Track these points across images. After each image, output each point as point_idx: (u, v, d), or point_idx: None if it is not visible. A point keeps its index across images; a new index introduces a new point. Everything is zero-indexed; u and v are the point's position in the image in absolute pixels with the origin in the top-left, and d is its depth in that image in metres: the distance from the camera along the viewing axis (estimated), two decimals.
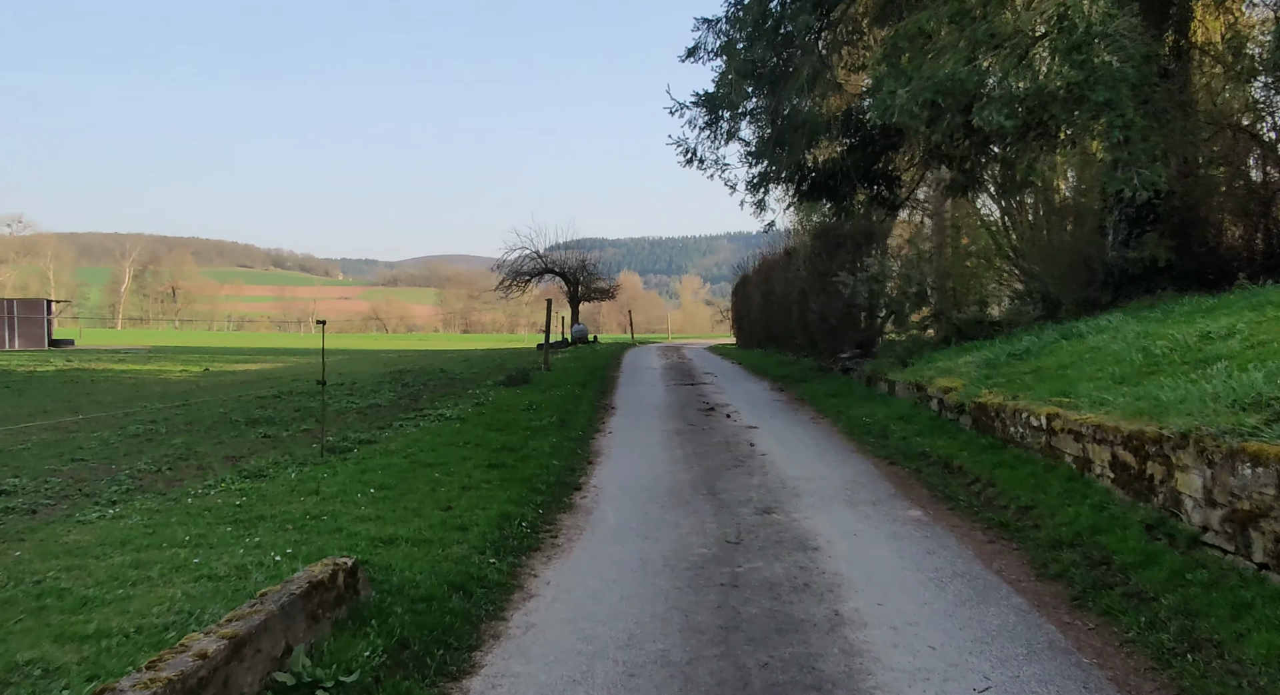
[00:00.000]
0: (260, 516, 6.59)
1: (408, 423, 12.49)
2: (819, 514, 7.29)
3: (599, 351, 30.50)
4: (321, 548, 5.77)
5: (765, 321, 26.72)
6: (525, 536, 6.75)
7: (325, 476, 8.47)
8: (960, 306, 13.98)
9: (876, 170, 17.61)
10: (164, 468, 9.06)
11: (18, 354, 40.01)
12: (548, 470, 9.11)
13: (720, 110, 15.48)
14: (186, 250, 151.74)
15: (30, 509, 6.98)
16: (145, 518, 6.58)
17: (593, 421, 12.82)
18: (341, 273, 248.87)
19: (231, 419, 13.40)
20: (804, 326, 20.31)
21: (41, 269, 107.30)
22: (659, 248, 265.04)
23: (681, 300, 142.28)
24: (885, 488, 8.19)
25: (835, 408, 12.89)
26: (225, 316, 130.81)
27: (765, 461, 9.62)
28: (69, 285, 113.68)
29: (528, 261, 40.59)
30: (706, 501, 7.83)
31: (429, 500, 7.57)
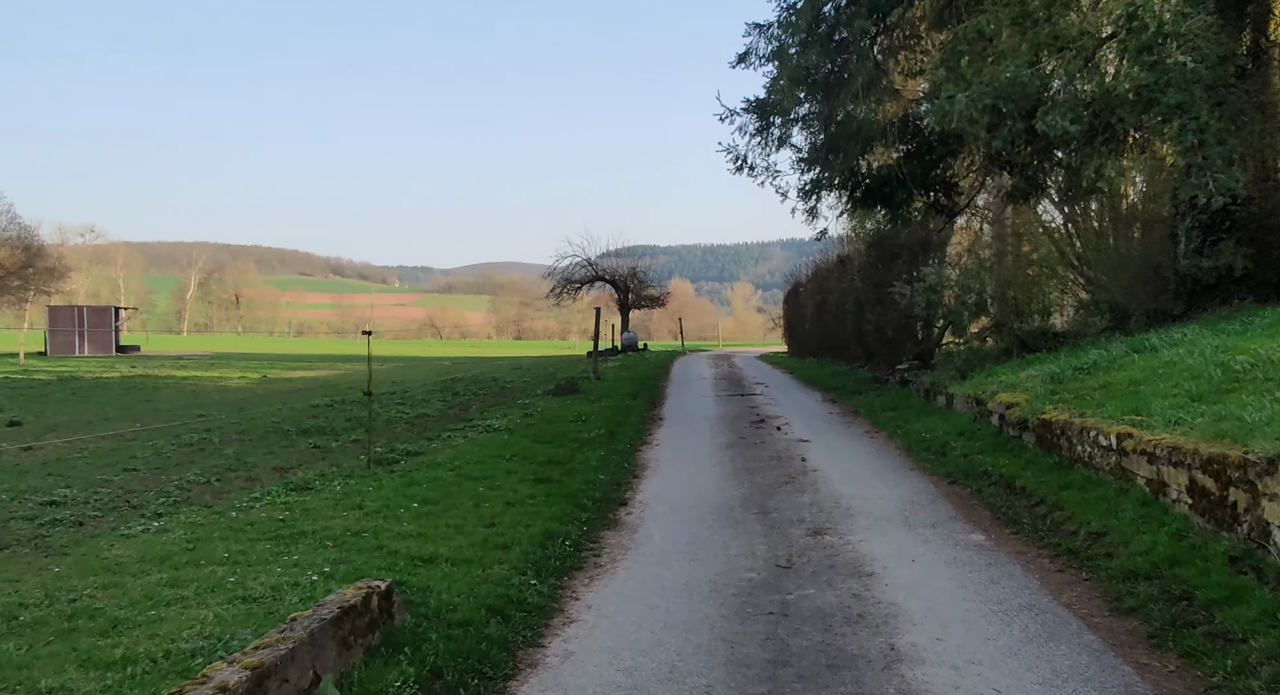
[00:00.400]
0: (301, 532, 6.51)
1: (456, 434, 12.42)
2: (874, 536, 6.97)
3: (649, 360, 30.32)
4: (360, 567, 5.64)
5: (818, 331, 26.27)
6: (568, 556, 6.56)
7: (370, 490, 8.39)
8: (1022, 317, 13.48)
9: (934, 177, 17.14)
10: (213, 479, 9.07)
11: (86, 360, 41.17)
12: (593, 485, 8.92)
13: (771, 116, 15.19)
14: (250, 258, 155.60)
15: (78, 521, 6.99)
16: (188, 532, 6.54)
17: (641, 434, 12.61)
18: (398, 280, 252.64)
19: (283, 428, 13.47)
20: (859, 336, 19.87)
21: (112, 277, 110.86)
22: (711, 255, 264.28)
23: (733, 308, 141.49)
24: (945, 509, 7.83)
25: (892, 422, 12.50)
26: (286, 323, 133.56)
27: (818, 478, 9.30)
28: (138, 293, 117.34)
29: (578, 269, 40.63)
30: (756, 521, 7.56)
31: (472, 516, 7.43)
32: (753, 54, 15.08)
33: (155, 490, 8.42)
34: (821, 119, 15.57)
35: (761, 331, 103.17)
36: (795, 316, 32.75)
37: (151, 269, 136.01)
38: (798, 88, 14.59)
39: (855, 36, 14.35)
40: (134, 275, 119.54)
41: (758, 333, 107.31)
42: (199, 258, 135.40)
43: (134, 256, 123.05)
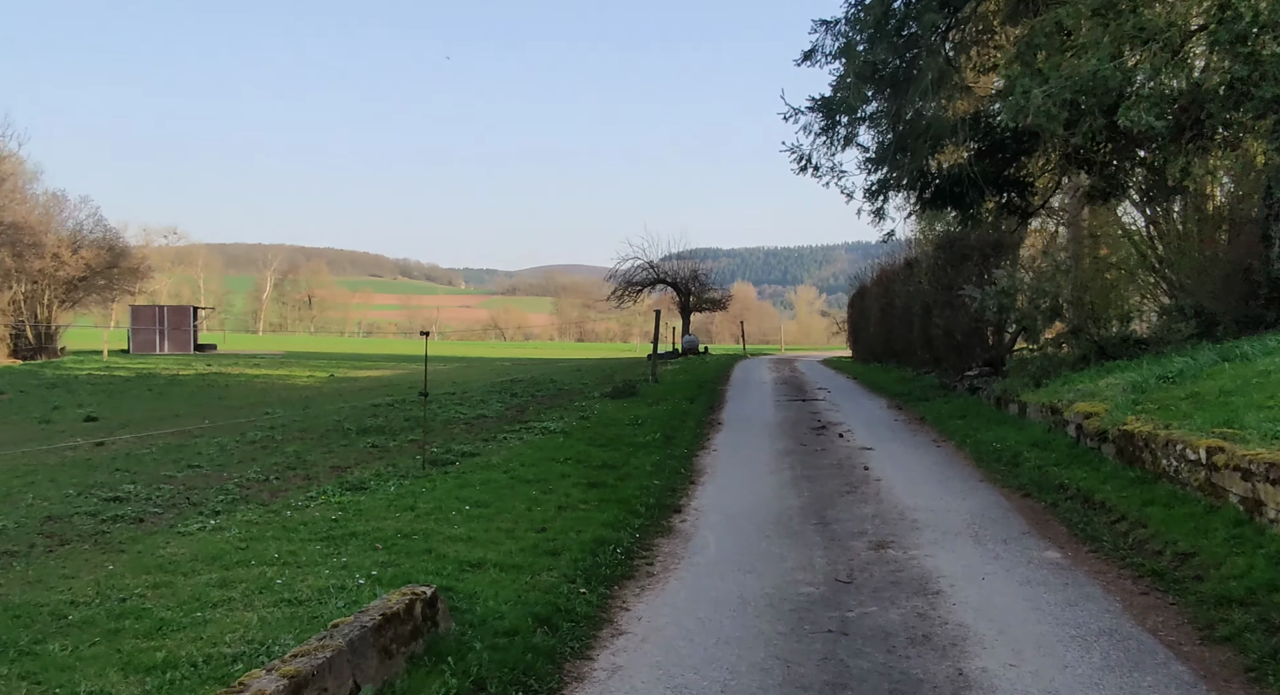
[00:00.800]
0: (352, 534, 6.44)
1: (512, 435, 12.36)
2: (941, 551, 6.64)
3: (709, 363, 30.03)
4: (407, 571, 5.54)
5: (884, 335, 25.68)
6: (619, 564, 6.37)
7: (423, 491, 8.34)
8: (1100, 322, 12.89)
9: (1007, 176, 16.57)
10: (271, 477, 9.12)
11: (164, 358, 42.48)
12: (648, 491, 8.73)
13: (837, 115, 14.84)
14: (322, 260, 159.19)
15: (138, 517, 7.06)
16: (242, 531, 6.53)
17: (698, 438, 12.38)
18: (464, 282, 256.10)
19: (344, 427, 13.58)
20: (926, 341, 19.33)
21: (193, 277, 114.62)
22: (774, 258, 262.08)
23: (796, 311, 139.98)
24: (1017, 523, 7.45)
25: (960, 430, 12.05)
26: (356, 323, 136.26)
27: (881, 488, 8.97)
28: (217, 293, 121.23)
29: (639, 271, 40.49)
30: (816, 532, 7.28)
31: (524, 520, 7.31)
32: (819, 51, 14.75)
33: (216, 487, 8.49)
34: (889, 117, 15.16)
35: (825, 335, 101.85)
36: (860, 320, 32.12)
37: (230, 270, 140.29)
38: (865, 85, 14.22)
39: (925, 31, 13.92)
40: (213, 276, 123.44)
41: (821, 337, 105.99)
42: (274, 259, 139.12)
43: (213, 258, 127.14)
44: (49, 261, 44.80)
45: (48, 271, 44.92)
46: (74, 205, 49.81)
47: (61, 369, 32.20)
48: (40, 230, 45.11)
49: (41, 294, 45.24)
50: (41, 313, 45.71)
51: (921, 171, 15.75)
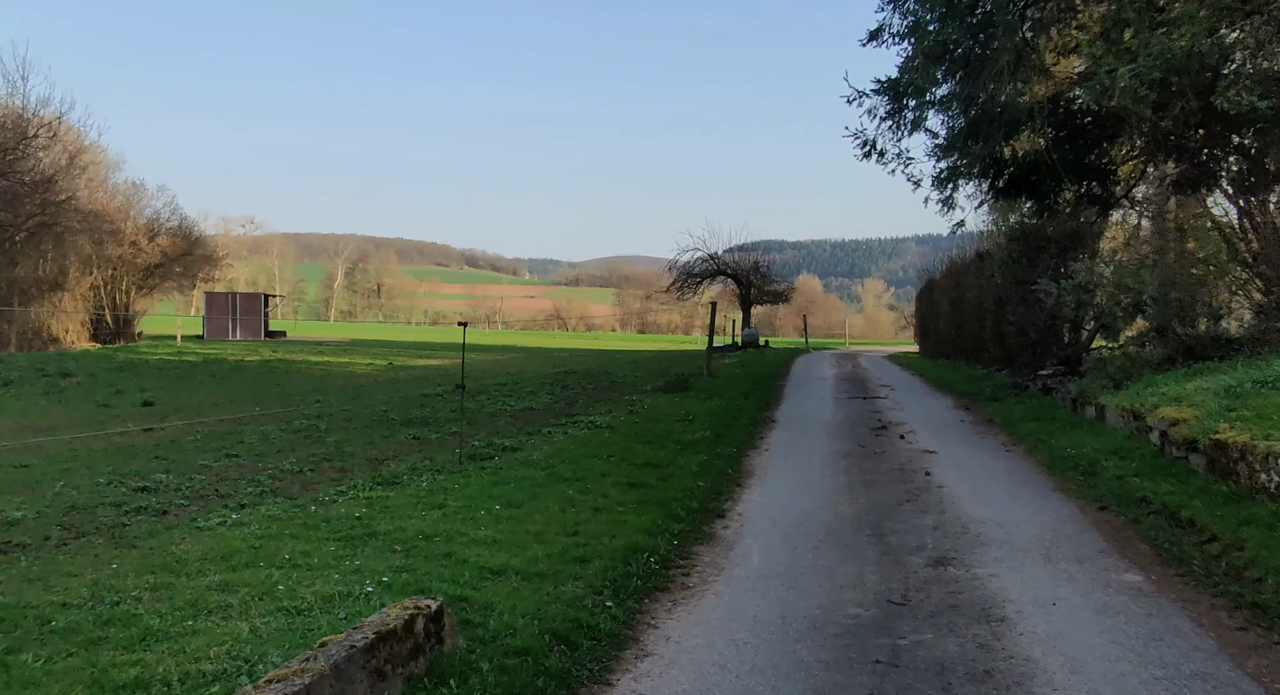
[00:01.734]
0: (373, 533, 6.11)
1: (557, 429, 12.00)
2: (1008, 571, 6.03)
3: (768, 357, 29.34)
4: (421, 577, 5.18)
5: (953, 331, 24.69)
6: (653, 574, 5.92)
7: (456, 487, 8.01)
8: (1187, 320, 11.96)
9: (1087, 164, 15.63)
10: (306, 469, 8.90)
11: (235, 343, 43.40)
12: (691, 493, 8.25)
13: (905, 98, 14.09)
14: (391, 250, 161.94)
15: (162, 509, 6.85)
16: (262, 527, 6.25)
17: (750, 437, 11.84)
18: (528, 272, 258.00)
19: (389, 417, 13.39)
20: (998, 338, 18.41)
21: (269, 266, 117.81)
22: (841, 250, 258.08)
23: (863, 304, 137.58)
24: (1093, 540, 6.78)
25: (1032, 434, 11.28)
26: (422, 312, 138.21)
27: (943, 496, 8.34)
28: (290, 281, 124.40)
29: (700, 263, 39.90)
30: (869, 545, 6.72)
31: (555, 522, 6.90)
32: (885, 31, 14.02)
33: (248, 478, 8.29)
34: (961, 100, 14.36)
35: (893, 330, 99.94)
36: (928, 315, 31.05)
37: (304, 258, 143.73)
38: (934, 66, 13.45)
39: (1000, 9, 13.10)
40: (288, 264, 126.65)
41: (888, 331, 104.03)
42: (345, 248, 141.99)
43: (288, 247, 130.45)
44: (127, 249, 46.12)
45: (126, 259, 46.24)
46: (152, 193, 51.14)
47: (135, 353, 32.98)
48: (119, 218, 46.48)
49: (120, 280, 46.60)
50: (120, 299, 47.11)
51: (995, 159, 14.92)
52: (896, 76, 13.88)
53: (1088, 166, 15.48)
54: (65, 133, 41.28)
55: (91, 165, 46.65)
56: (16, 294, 39.22)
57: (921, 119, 14.31)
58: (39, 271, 41.79)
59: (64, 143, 41.35)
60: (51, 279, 42.18)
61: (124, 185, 50.19)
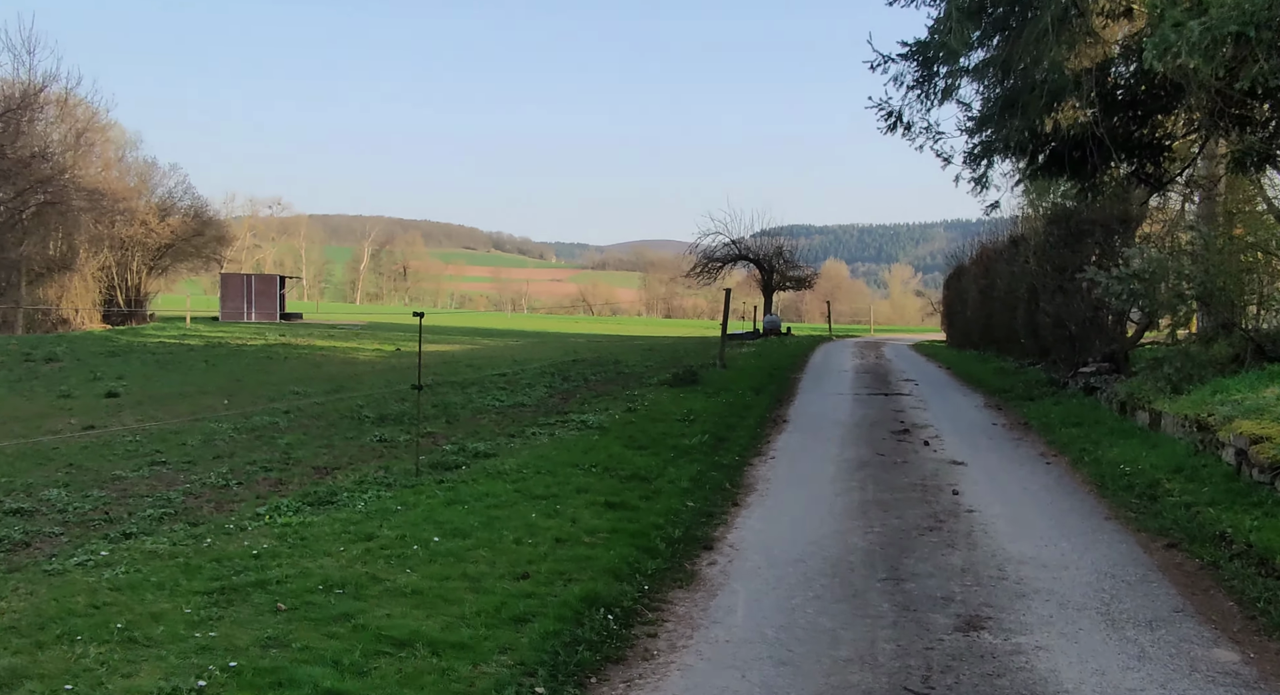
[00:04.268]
0: (261, 582, 4.92)
1: (543, 430, 10.82)
2: (1058, 640, 4.75)
3: (788, 346, 27.98)
4: (294, 656, 3.99)
5: (982, 320, 23.22)
6: (609, 638, 4.69)
7: (399, 509, 6.83)
8: (1259, 315, 10.53)
9: (1138, 139, 14.11)
10: (234, 482, 7.75)
11: (247, 326, 42.63)
12: (676, 516, 7.02)
13: (935, 64, 12.65)
14: (418, 232, 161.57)
15: (25, 540, 5.73)
16: (128, 571, 5.08)
17: (755, 441, 10.57)
18: (555, 256, 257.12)
19: (363, 414, 12.25)
20: (1032, 330, 16.97)
21: (295, 247, 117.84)
22: (868, 235, 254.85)
23: (890, 290, 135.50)
24: (1165, 594, 5.46)
25: (1076, 443, 9.93)
26: (448, 295, 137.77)
27: (974, 523, 7.05)
28: (317, 263, 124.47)
29: (721, 247, 38.53)
30: (884, 594, 5.46)
31: (505, 560, 5.70)
32: None
33: (157, 496, 7.15)
34: (998, 67, 12.88)
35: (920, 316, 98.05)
36: (956, 303, 29.52)
37: (331, 240, 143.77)
38: (969, 27, 11.99)
39: None
40: (314, 246, 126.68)
41: (915, 317, 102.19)
42: (372, 230, 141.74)
43: (315, 229, 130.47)
44: (138, 228, 45.42)
45: (136, 238, 45.56)
46: (164, 173, 50.44)
47: (138, 336, 32.18)
48: (131, 197, 45.77)
49: (131, 261, 45.95)
50: (131, 279, 46.48)
51: (1034, 132, 13.45)
52: (925, 38, 12.45)
53: (1138, 142, 13.97)
54: (73, 108, 40.55)
55: (103, 143, 45.94)
56: (23, 274, 38.61)
57: (953, 87, 12.89)
58: (49, 251, 41.22)
59: (71, 119, 40.62)
60: (61, 259, 41.56)
61: (136, 164, 49.49)
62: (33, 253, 38.49)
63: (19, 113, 32.55)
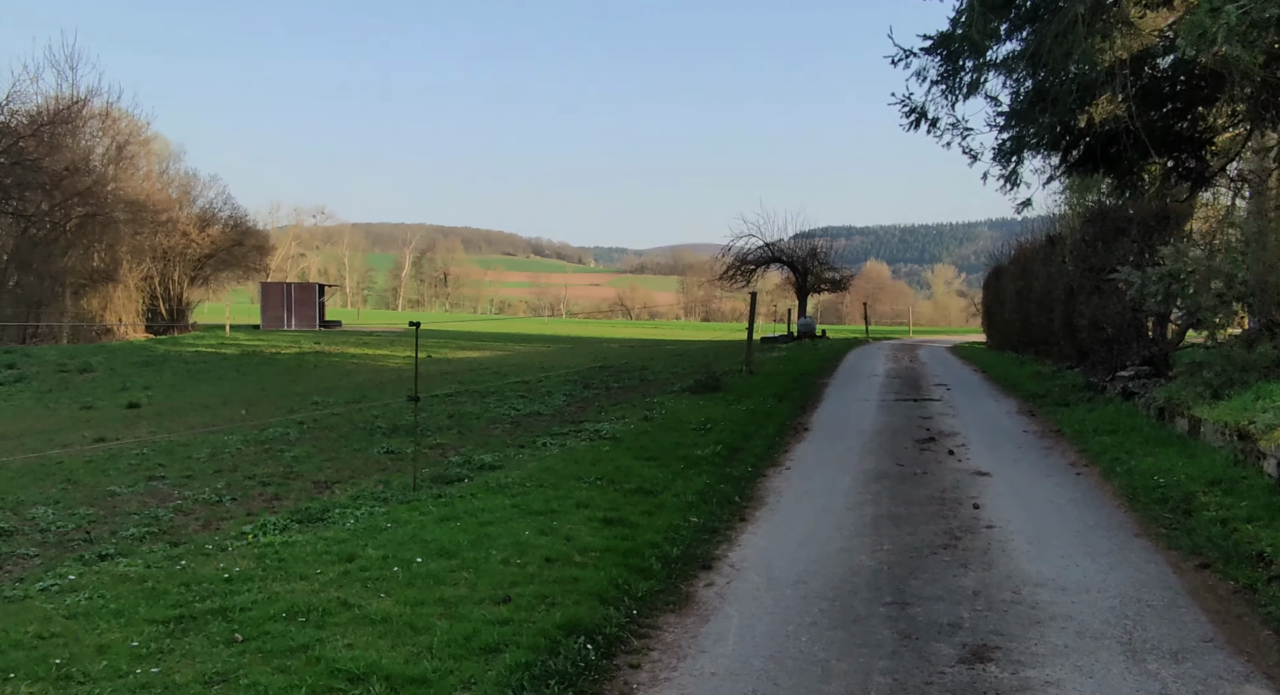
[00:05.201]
0: (223, 609, 4.71)
1: (554, 441, 10.57)
2: (1073, 673, 4.37)
3: (819, 349, 27.49)
4: (244, 687, 3.77)
5: (1020, 322, 22.55)
6: (585, 670, 4.41)
7: (389, 526, 6.61)
8: None
9: (1178, 133, 13.54)
10: (227, 498, 7.59)
11: (285, 334, 43.10)
12: (677, 533, 6.72)
13: (961, 58, 12.20)
14: (458, 238, 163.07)
15: None
16: (91, 597, 4.90)
17: (771, 451, 10.22)
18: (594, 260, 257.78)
19: (376, 425, 12.11)
20: (1069, 332, 16.37)
21: (339, 255, 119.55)
22: (910, 235, 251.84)
23: (933, 291, 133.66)
24: (1193, 619, 5.04)
25: (1109, 452, 9.43)
26: (488, 300, 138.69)
27: (992, 540, 6.65)
28: (360, 270, 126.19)
29: (754, 250, 38.08)
30: (885, 621, 5.10)
31: (488, 581, 5.44)
32: None
33: (145, 513, 7.01)
34: (1027, 59, 12.40)
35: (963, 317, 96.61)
36: (995, 304, 28.80)
37: (374, 248, 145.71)
38: (995, 18, 11.54)
39: None
40: (357, 254, 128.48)
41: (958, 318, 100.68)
42: (413, 238, 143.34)
43: (358, 236, 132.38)
44: (178, 239, 46.16)
45: (177, 249, 46.30)
46: (205, 183, 51.19)
47: (177, 345, 32.60)
48: (171, 208, 46.54)
49: (172, 271, 46.70)
50: (173, 289, 47.24)
51: (1067, 127, 12.95)
52: (948, 31, 12.01)
53: (1178, 136, 13.41)
54: (115, 121, 41.32)
55: (145, 155, 46.80)
56: (66, 286, 39.34)
57: (979, 81, 12.40)
58: (93, 262, 41.99)
59: (113, 131, 41.40)
60: (104, 270, 42.30)
61: (178, 175, 50.32)
62: (76, 264, 39.24)
63: (55, 126, 33.11)
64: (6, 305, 34.30)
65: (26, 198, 31.88)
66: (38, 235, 35.53)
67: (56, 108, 36.00)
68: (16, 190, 30.23)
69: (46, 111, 34.11)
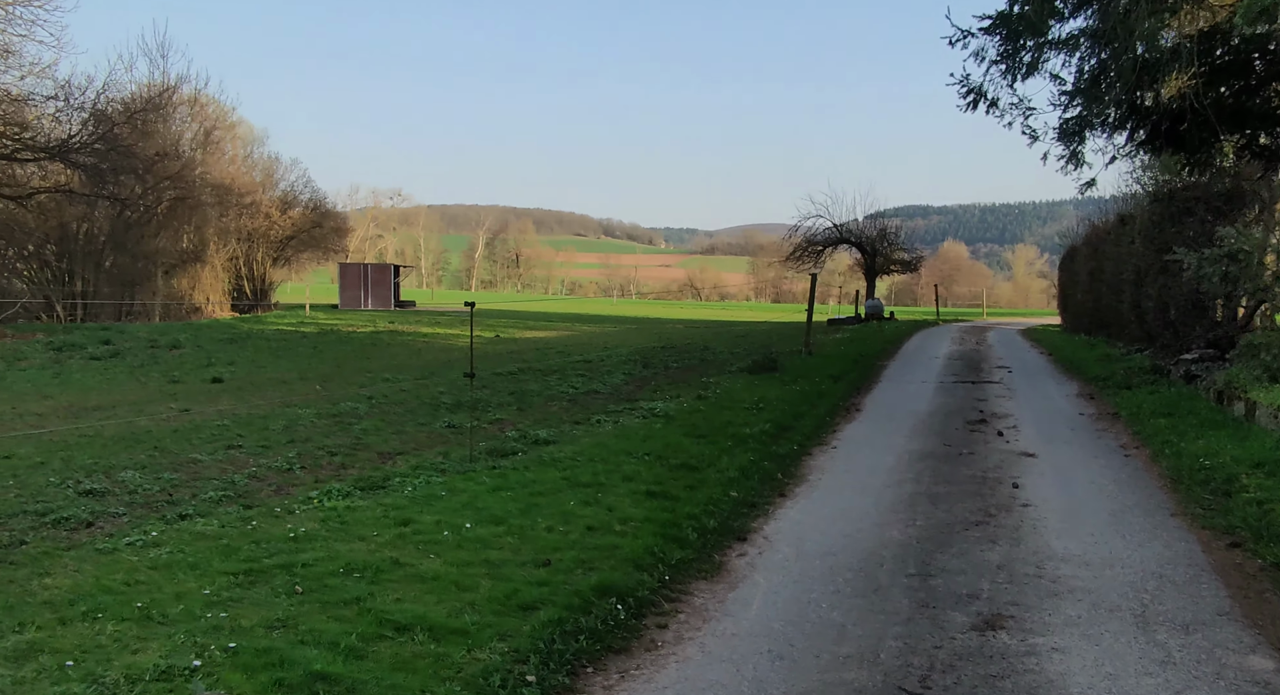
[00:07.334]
0: (288, 565, 5.18)
1: (608, 418, 10.93)
2: (1079, 642, 4.54)
3: (884, 331, 27.30)
4: (299, 637, 4.20)
5: (1092, 303, 22.10)
6: (614, 629, 4.74)
7: (444, 495, 7.05)
8: None
9: (1251, 110, 13.14)
10: (297, 466, 8.14)
11: (361, 313, 44.51)
12: (716, 506, 7.00)
13: (1021, 37, 12.05)
14: (530, 220, 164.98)
15: (87, 521, 6.16)
16: (172, 551, 5.42)
17: (820, 430, 10.40)
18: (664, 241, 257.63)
19: (441, 400, 12.64)
20: (1138, 314, 16.07)
21: (415, 237, 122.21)
22: (991, 214, 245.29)
23: (1014, 272, 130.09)
24: (1212, 597, 5.14)
25: (1161, 434, 9.37)
26: (559, 281, 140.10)
27: (1025, 518, 6.77)
28: (435, 251, 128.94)
29: (822, 231, 37.85)
30: (905, 590, 5.32)
31: (531, 546, 5.82)
32: None
33: (223, 478, 7.58)
34: (1091, 36, 12.19)
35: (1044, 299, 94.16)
36: (1069, 285, 28.17)
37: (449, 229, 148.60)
38: None
39: None
40: (433, 236, 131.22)
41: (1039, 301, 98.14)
42: (486, 219, 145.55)
43: (433, 218, 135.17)
44: (261, 221, 47.89)
45: (260, 231, 48.05)
46: (286, 167, 52.87)
47: (260, 323, 34.00)
48: (255, 192, 48.28)
49: (255, 252, 48.50)
50: (256, 270, 49.09)
51: (1132, 105, 12.69)
52: (1007, 9, 11.87)
53: (1251, 112, 13.01)
54: (203, 107, 43.00)
55: (231, 140, 48.56)
56: (158, 266, 41.24)
57: (1039, 61, 12.22)
58: (182, 244, 43.87)
59: (201, 117, 43.09)
60: (192, 251, 44.16)
61: (262, 159, 52.08)
62: (167, 245, 41.09)
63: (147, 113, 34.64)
64: (105, 285, 36.11)
65: (121, 182, 33.48)
66: (132, 218, 37.27)
67: (148, 95, 37.59)
68: (112, 175, 31.78)
69: (139, 98, 35.74)
